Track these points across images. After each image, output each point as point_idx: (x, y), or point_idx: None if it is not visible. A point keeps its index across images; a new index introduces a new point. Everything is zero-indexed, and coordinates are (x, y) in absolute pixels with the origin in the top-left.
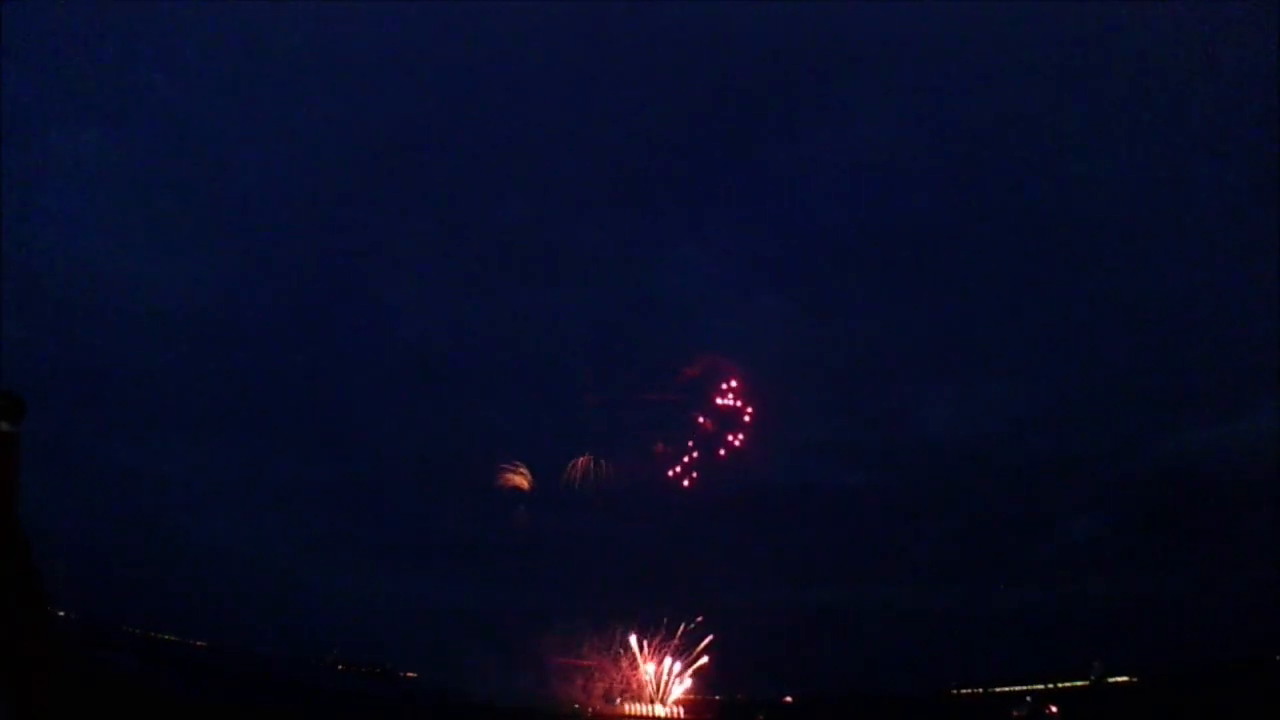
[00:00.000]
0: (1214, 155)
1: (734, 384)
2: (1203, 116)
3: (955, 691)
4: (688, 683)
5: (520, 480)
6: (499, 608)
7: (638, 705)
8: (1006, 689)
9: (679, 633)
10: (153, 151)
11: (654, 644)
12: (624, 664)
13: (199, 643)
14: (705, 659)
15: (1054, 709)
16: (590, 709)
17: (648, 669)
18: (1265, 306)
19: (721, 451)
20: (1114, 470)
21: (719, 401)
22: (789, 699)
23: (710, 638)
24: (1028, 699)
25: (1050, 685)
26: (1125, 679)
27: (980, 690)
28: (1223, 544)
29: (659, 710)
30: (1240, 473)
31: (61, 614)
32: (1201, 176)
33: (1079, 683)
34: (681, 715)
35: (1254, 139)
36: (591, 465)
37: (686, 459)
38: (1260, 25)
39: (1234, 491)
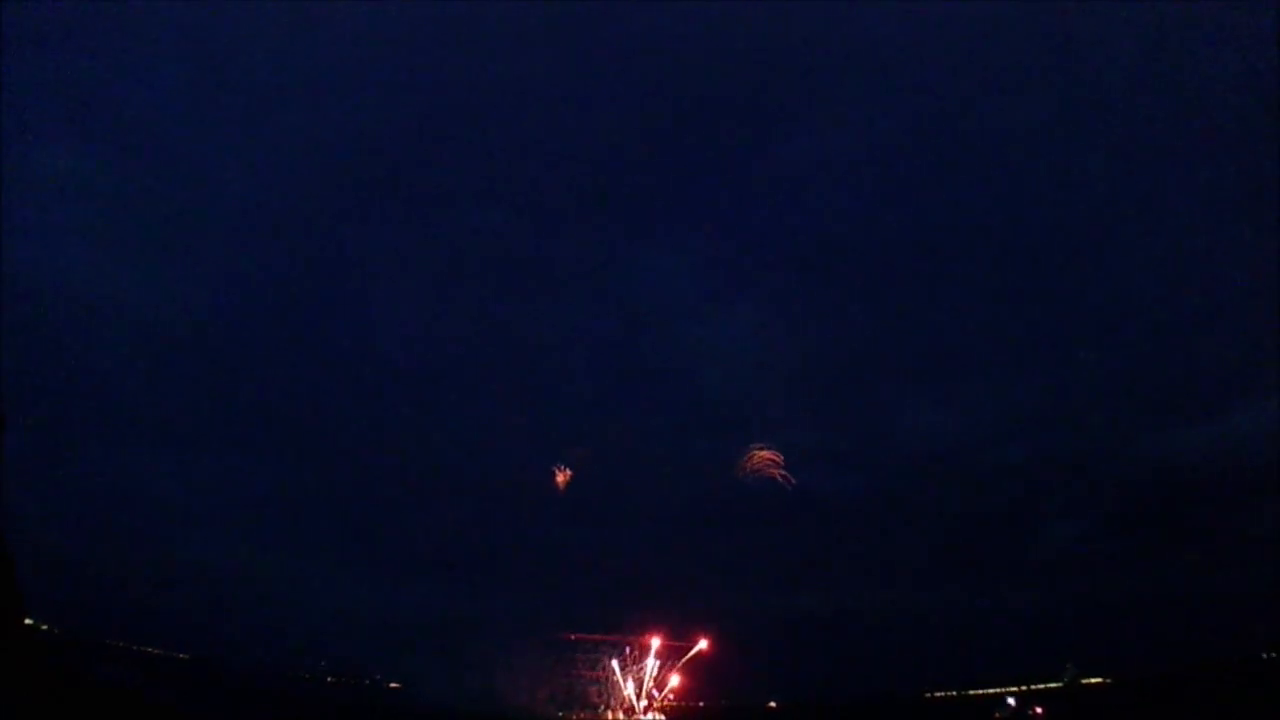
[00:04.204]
0: (1194, 162)
1: None
2: (1183, 124)
3: (930, 695)
4: (674, 684)
5: None
6: (483, 617)
7: (619, 713)
8: (981, 691)
9: (664, 639)
10: (134, 167)
11: (639, 652)
12: (608, 671)
13: (182, 655)
14: (689, 661)
15: (1039, 710)
16: (574, 717)
17: (632, 677)
18: (1244, 311)
19: None
20: (1092, 474)
21: None
22: (773, 704)
23: (695, 646)
24: (1009, 701)
25: (1024, 687)
26: (1099, 680)
27: (954, 693)
28: (1199, 547)
29: (645, 717)
30: (1217, 476)
31: (45, 627)
32: (1182, 183)
33: (1052, 685)
34: None
35: (1235, 145)
36: (571, 474)
37: None
38: (1238, 34)
39: (1211, 495)
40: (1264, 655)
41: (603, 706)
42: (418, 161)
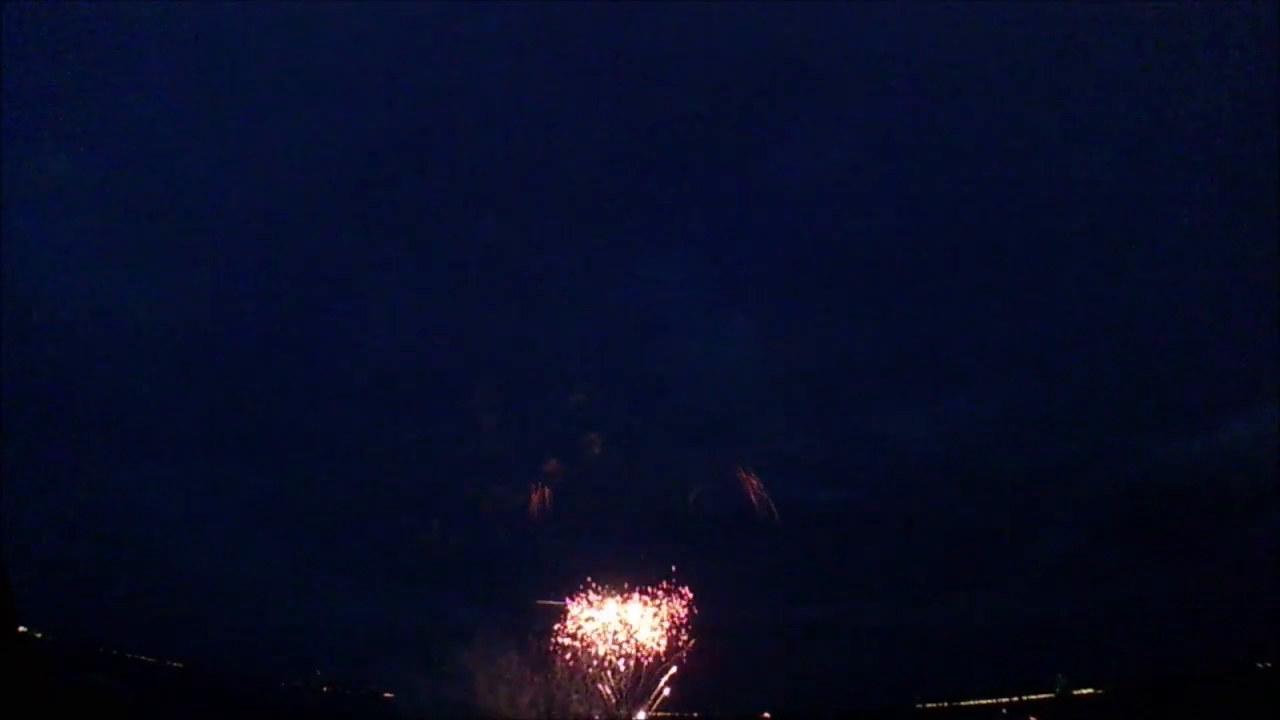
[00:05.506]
0: (1191, 165)
1: None
2: (1181, 127)
3: (921, 705)
4: (665, 693)
5: None
6: (473, 625)
7: None
8: (973, 703)
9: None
10: (125, 174)
11: (628, 658)
12: (598, 681)
13: (176, 664)
14: (677, 672)
15: None
16: None
17: (614, 686)
18: (1234, 318)
19: None
20: (1085, 483)
21: None
22: (766, 715)
23: (684, 654)
24: (1003, 712)
25: (1015, 699)
26: (1090, 691)
27: (946, 704)
28: (1193, 556)
29: None
30: (1209, 486)
31: (39, 635)
32: (1169, 189)
33: (1044, 695)
34: None
35: (1234, 148)
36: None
37: None
38: (1237, 36)
39: (1206, 504)
40: (1259, 665)
41: (595, 717)
42: (413, 172)
